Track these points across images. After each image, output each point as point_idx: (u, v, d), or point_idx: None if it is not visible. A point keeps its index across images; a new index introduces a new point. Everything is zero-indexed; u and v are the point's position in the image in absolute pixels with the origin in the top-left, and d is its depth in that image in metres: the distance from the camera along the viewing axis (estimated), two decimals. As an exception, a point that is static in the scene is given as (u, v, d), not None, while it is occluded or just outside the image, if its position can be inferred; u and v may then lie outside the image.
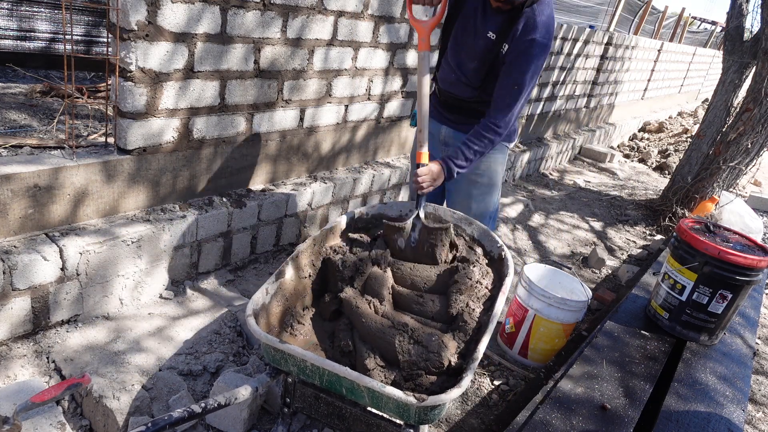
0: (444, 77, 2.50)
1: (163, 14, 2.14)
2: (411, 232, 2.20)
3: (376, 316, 1.87)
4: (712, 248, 2.38)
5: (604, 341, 2.46)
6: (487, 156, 2.47)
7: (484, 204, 2.61)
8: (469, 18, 2.32)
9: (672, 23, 14.14)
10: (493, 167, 2.57)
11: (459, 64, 2.39)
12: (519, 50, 2.18)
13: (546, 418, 1.90)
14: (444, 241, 2.16)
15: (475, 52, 2.30)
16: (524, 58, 2.18)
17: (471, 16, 2.31)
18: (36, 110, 2.92)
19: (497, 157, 2.55)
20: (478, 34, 2.28)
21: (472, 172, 2.50)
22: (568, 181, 6.05)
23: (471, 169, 2.35)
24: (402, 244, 2.20)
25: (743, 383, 2.36)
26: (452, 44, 2.42)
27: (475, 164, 2.34)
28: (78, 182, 2.17)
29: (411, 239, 2.20)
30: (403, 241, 2.20)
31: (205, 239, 2.61)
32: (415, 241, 2.19)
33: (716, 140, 5.12)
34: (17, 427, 1.45)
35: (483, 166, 2.53)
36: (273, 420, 2.05)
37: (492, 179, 2.59)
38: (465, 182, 2.56)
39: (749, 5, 5.21)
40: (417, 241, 2.19)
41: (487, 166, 2.55)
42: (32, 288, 2.03)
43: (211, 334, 2.32)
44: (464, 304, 1.92)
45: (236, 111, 2.63)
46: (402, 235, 2.20)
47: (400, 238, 2.20)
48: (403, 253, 2.20)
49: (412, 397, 1.46)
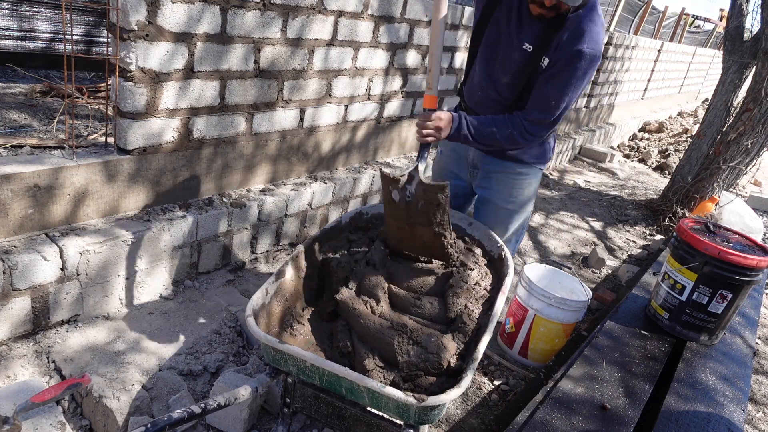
0: (472, 95, 2.25)
1: (163, 14, 2.14)
2: (407, 185, 1.96)
3: (373, 316, 1.87)
4: (712, 248, 2.38)
5: (604, 341, 2.45)
6: (520, 181, 2.29)
7: (513, 232, 2.42)
8: (501, 24, 2.05)
9: (672, 23, 14.14)
10: (526, 194, 2.34)
11: (490, 77, 2.13)
12: (562, 63, 1.92)
13: (546, 418, 1.90)
14: (440, 200, 1.91)
15: (509, 65, 2.05)
16: (568, 71, 1.92)
17: (504, 22, 2.04)
18: (36, 110, 2.92)
19: (531, 183, 2.33)
20: (513, 46, 2.02)
21: (503, 200, 2.31)
22: (568, 181, 6.05)
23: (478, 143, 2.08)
24: (396, 196, 1.99)
25: (743, 383, 2.36)
26: (483, 53, 2.15)
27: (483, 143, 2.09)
28: (78, 182, 2.17)
29: (407, 192, 1.97)
30: (398, 193, 1.98)
31: (205, 239, 2.61)
32: (411, 196, 1.96)
33: (716, 140, 5.12)
34: (17, 427, 1.45)
35: (515, 193, 2.31)
36: (273, 420, 2.06)
37: (526, 207, 2.38)
38: (496, 210, 2.35)
39: (749, 5, 5.21)
40: (413, 196, 1.96)
41: (520, 192, 2.32)
42: (32, 288, 2.03)
43: (211, 334, 2.32)
44: (462, 306, 1.92)
45: (236, 111, 2.63)
46: (397, 187, 1.98)
47: (395, 190, 1.99)
48: (396, 206, 2.01)
49: (411, 397, 1.46)
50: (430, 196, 1.92)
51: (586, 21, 1.91)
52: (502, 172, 2.29)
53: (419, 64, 3.65)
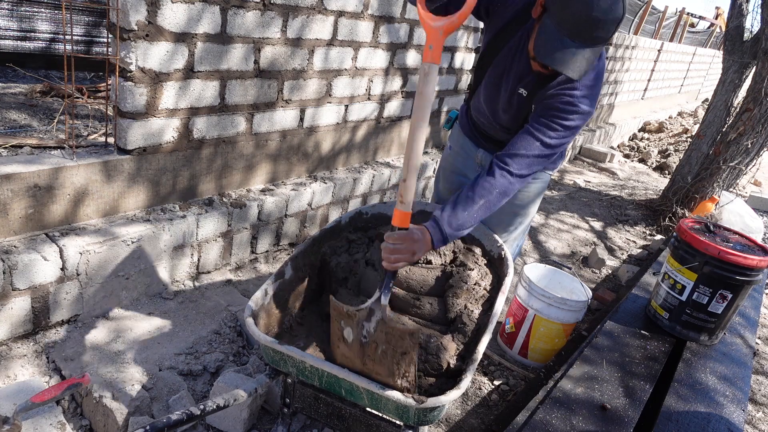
0: (477, 113, 2.18)
1: (163, 14, 2.14)
2: (364, 322, 1.54)
3: None
4: (712, 248, 2.38)
5: (604, 341, 2.45)
6: (527, 188, 2.20)
7: (516, 235, 2.36)
8: (505, 62, 1.93)
9: (672, 23, 14.14)
10: (530, 197, 2.27)
11: (493, 111, 2.07)
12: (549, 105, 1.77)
13: (546, 418, 1.90)
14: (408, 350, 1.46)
15: (509, 106, 1.98)
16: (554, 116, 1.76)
17: (508, 60, 1.92)
18: (36, 110, 2.92)
19: (537, 187, 2.26)
20: (509, 89, 1.94)
21: (511, 204, 2.13)
22: (568, 181, 6.05)
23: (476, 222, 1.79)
24: (349, 335, 1.56)
25: (743, 383, 2.36)
26: (486, 88, 2.05)
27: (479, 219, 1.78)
28: (78, 182, 2.17)
29: (363, 331, 1.54)
30: (351, 331, 1.56)
31: (205, 239, 2.61)
32: (367, 336, 1.53)
33: (716, 140, 5.12)
34: (17, 427, 1.45)
35: (520, 195, 2.20)
36: (273, 420, 2.05)
37: (530, 212, 2.32)
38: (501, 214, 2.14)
39: (749, 5, 5.21)
40: (369, 337, 1.53)
41: (527, 197, 2.25)
42: (32, 288, 2.03)
43: (211, 334, 2.32)
44: (462, 306, 1.91)
45: (236, 111, 2.63)
46: (351, 323, 1.55)
47: (348, 327, 1.56)
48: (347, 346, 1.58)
49: (411, 398, 1.46)
50: (395, 342, 1.47)
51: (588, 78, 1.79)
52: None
53: (419, 64, 3.65)
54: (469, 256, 2.16)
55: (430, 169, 4.03)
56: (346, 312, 1.55)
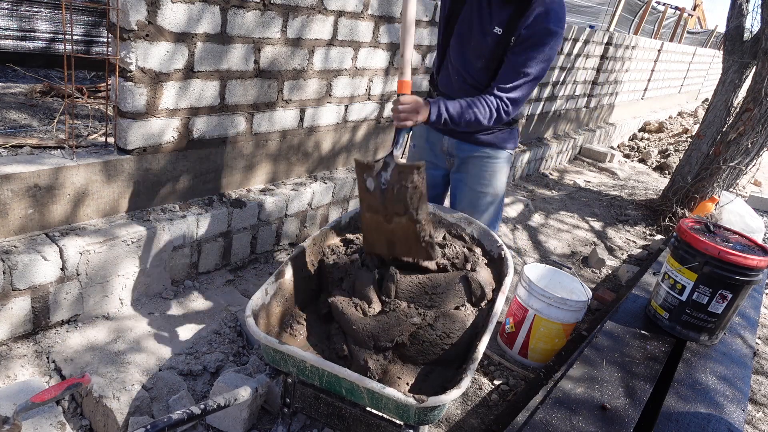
0: (446, 83, 2.36)
1: (163, 14, 2.14)
2: (382, 171, 1.85)
3: (365, 319, 1.85)
4: (712, 248, 2.38)
5: (604, 341, 2.45)
6: (492, 165, 2.39)
7: (488, 214, 2.50)
8: (473, 14, 2.18)
9: (672, 23, 14.14)
10: (499, 177, 2.46)
11: (464, 64, 2.25)
12: (530, 40, 2.05)
13: (546, 418, 1.90)
14: (417, 184, 1.79)
15: (482, 49, 2.17)
16: (536, 47, 2.05)
17: (475, 12, 2.18)
18: (36, 110, 2.92)
19: (502, 167, 2.45)
20: (485, 30, 2.14)
21: (479, 184, 2.42)
22: (568, 181, 6.05)
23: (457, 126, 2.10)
24: (371, 184, 1.88)
25: (743, 383, 2.36)
26: (455, 44, 2.28)
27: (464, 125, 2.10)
28: (78, 182, 2.17)
29: (382, 179, 1.85)
30: (372, 181, 1.87)
31: (205, 239, 2.61)
32: (386, 182, 1.85)
33: (716, 140, 5.12)
34: (17, 427, 1.45)
35: (488, 176, 2.43)
36: (273, 420, 2.06)
37: (497, 189, 2.48)
38: (470, 192, 2.47)
39: (749, 5, 5.21)
40: (387, 182, 1.85)
41: (492, 175, 2.43)
42: (32, 288, 2.03)
43: (211, 334, 2.32)
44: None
45: (236, 111, 2.63)
46: (371, 174, 1.87)
47: (369, 177, 1.87)
48: (372, 196, 1.90)
49: (411, 398, 1.46)
50: (405, 177, 1.80)
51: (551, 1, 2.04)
52: (477, 157, 2.41)
53: (419, 64, 3.65)
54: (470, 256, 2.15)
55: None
56: (367, 164, 1.87)
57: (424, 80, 3.78)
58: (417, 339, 1.81)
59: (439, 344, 1.81)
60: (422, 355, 1.82)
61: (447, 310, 1.88)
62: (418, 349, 1.82)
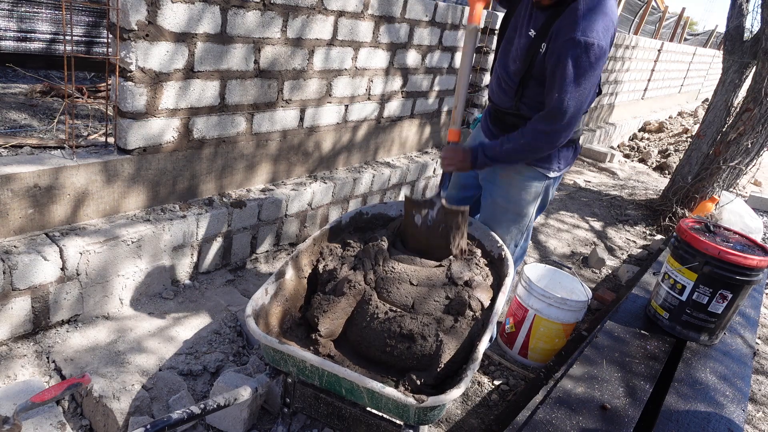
0: (491, 85, 2.34)
1: (163, 14, 2.14)
2: (429, 210, 2.18)
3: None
4: (712, 248, 2.38)
5: (604, 341, 2.46)
6: (519, 181, 2.30)
7: (508, 232, 2.41)
8: (519, 16, 2.14)
9: (672, 23, 14.14)
10: (525, 195, 2.33)
11: (504, 67, 2.21)
12: (557, 53, 1.89)
13: (546, 418, 1.90)
14: (460, 225, 2.13)
15: (518, 52, 2.10)
16: (563, 62, 1.87)
17: (521, 13, 2.13)
18: (36, 110, 2.92)
19: (530, 185, 2.31)
20: (522, 33, 2.09)
21: (501, 197, 2.35)
22: (568, 181, 6.05)
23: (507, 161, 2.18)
24: (419, 221, 2.19)
25: (743, 383, 2.36)
26: (502, 46, 2.25)
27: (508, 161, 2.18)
28: (78, 182, 2.17)
29: (428, 217, 2.18)
30: (420, 218, 2.19)
31: (205, 239, 2.61)
32: (431, 221, 2.17)
33: (716, 140, 5.12)
34: (17, 427, 1.45)
35: (513, 192, 2.33)
36: (273, 420, 2.06)
37: (520, 207, 2.36)
38: (492, 204, 2.41)
39: (749, 5, 5.21)
40: (433, 221, 2.17)
41: (518, 192, 2.33)
42: (32, 288, 2.03)
43: (211, 334, 2.32)
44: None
45: (236, 111, 2.63)
46: (420, 212, 2.19)
47: (418, 214, 2.19)
48: (418, 230, 2.20)
49: (411, 398, 1.46)
50: (450, 219, 2.13)
51: (585, 9, 1.87)
52: (505, 170, 2.32)
53: (419, 63, 3.65)
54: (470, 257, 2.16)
55: (430, 169, 4.03)
56: (417, 203, 2.21)
57: (425, 80, 3.78)
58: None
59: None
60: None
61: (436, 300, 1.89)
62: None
